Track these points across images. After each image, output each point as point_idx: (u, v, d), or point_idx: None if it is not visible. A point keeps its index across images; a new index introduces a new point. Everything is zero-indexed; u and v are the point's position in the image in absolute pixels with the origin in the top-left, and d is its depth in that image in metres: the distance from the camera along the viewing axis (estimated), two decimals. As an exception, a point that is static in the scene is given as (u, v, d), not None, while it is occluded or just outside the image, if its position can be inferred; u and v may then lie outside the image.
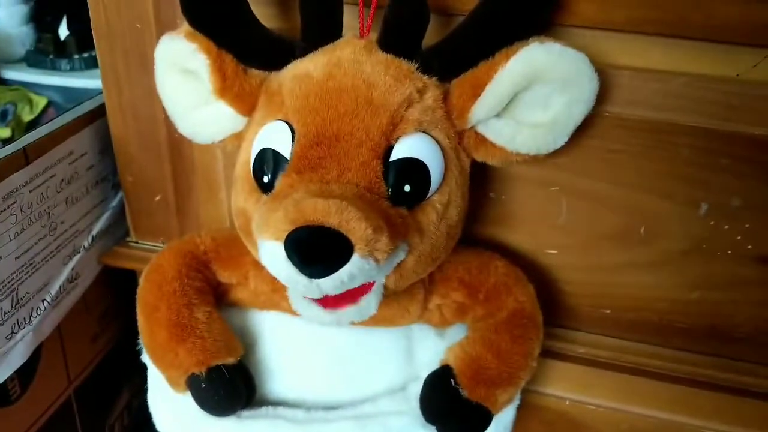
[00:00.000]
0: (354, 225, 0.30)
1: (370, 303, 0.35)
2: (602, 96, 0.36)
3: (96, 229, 0.55)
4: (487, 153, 0.37)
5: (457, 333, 0.43)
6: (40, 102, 0.58)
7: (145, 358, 0.42)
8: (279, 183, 0.34)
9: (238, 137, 0.39)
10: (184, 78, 0.38)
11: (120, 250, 0.55)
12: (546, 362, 0.48)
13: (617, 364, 0.48)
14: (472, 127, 0.37)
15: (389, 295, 0.37)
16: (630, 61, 0.39)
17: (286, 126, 0.35)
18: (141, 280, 0.42)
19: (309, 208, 0.30)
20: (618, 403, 0.49)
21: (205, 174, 0.51)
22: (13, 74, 0.62)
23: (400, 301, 0.40)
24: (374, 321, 0.38)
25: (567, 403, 0.49)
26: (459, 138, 0.37)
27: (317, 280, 0.31)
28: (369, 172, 0.33)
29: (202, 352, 0.39)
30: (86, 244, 0.54)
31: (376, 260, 0.31)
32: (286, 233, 0.30)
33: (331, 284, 0.31)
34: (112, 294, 0.60)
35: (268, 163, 0.35)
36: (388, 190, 0.34)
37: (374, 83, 0.34)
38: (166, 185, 0.52)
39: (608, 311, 0.47)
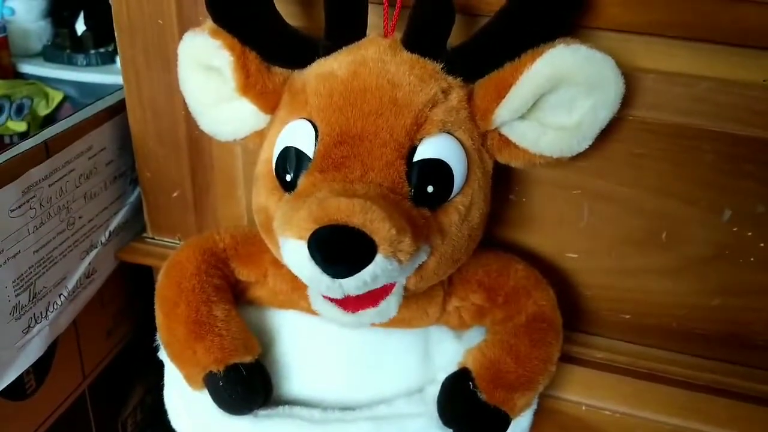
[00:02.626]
0: (378, 225, 0.30)
1: (390, 305, 0.34)
2: (626, 99, 0.36)
3: (113, 225, 0.54)
4: (511, 155, 0.37)
5: (475, 336, 0.42)
6: (57, 96, 0.59)
7: (163, 354, 0.42)
8: (302, 182, 0.34)
9: (260, 135, 0.39)
10: (206, 75, 0.38)
11: (136, 246, 0.55)
12: (563, 367, 0.47)
13: (634, 370, 0.47)
14: (496, 129, 0.36)
15: (409, 297, 0.36)
16: (655, 65, 0.38)
17: (310, 125, 0.35)
18: (160, 276, 0.42)
19: (333, 207, 0.30)
20: (634, 409, 0.48)
21: (223, 171, 0.50)
22: (30, 68, 0.63)
23: (420, 303, 0.40)
24: (393, 322, 0.38)
25: (583, 408, 0.49)
26: (482, 139, 0.36)
27: (340, 280, 0.31)
28: (392, 173, 0.33)
29: (220, 350, 0.39)
30: (103, 240, 0.54)
31: (399, 261, 0.31)
32: (310, 232, 0.30)
33: (353, 284, 0.31)
34: (128, 290, 0.60)
35: (290, 161, 0.35)
36: (410, 190, 0.34)
37: (399, 83, 0.33)
38: (184, 182, 0.52)
39: (628, 316, 0.46)
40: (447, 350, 0.42)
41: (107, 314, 0.59)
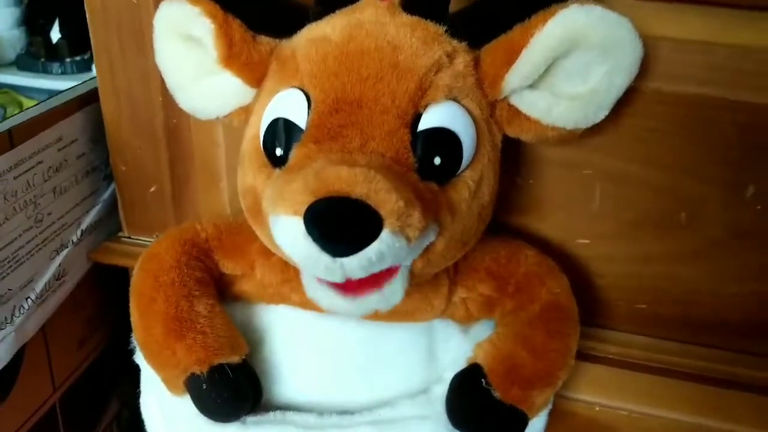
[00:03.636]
0: (384, 196, 0.27)
1: (395, 288, 0.31)
2: (639, 69, 0.34)
3: (86, 223, 0.52)
4: (521, 127, 0.34)
5: (482, 330, 0.40)
6: (30, 105, 0.56)
7: (139, 357, 0.40)
8: (294, 155, 0.31)
9: (246, 111, 0.36)
10: (186, 46, 0.36)
11: (111, 246, 0.52)
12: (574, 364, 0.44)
13: (651, 365, 0.45)
14: (505, 99, 0.34)
15: (412, 286, 0.34)
16: (669, 32, 0.36)
17: (301, 93, 0.32)
18: (135, 270, 0.39)
19: (332, 176, 0.27)
20: (651, 407, 0.46)
21: (204, 162, 0.48)
22: (2, 77, 0.62)
23: (424, 293, 0.37)
24: (394, 315, 0.36)
25: (597, 408, 0.46)
26: (491, 110, 0.34)
27: (341, 259, 0.28)
28: (395, 142, 0.30)
29: (203, 349, 0.36)
30: (75, 239, 0.51)
31: (408, 238, 0.28)
32: (306, 206, 0.27)
33: (357, 264, 0.28)
34: (102, 294, 0.57)
35: (280, 134, 0.32)
36: (416, 162, 0.31)
37: (400, 45, 0.31)
38: (161, 175, 0.49)
39: (644, 306, 0.44)
40: (453, 346, 0.39)
41: (79, 320, 0.56)
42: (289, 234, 0.28)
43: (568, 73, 0.33)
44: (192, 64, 0.36)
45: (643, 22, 0.35)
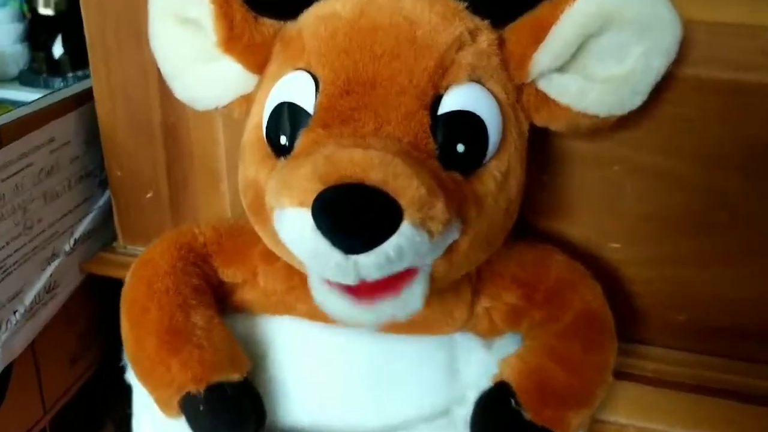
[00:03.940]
0: (404, 182, 0.24)
1: (415, 294, 0.28)
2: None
3: (79, 231, 0.50)
4: (551, 115, 0.32)
5: (507, 344, 0.37)
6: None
7: (131, 375, 0.37)
8: (300, 141, 0.29)
9: (247, 100, 0.34)
10: (183, 29, 0.33)
11: (106, 256, 0.51)
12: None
13: (690, 384, 0.42)
14: (533, 82, 0.31)
15: (432, 294, 0.30)
16: (706, 15, 0.34)
17: (309, 75, 0.29)
18: (128, 277, 0.37)
19: (344, 160, 0.24)
20: (690, 429, 0.42)
21: (203, 163, 0.46)
22: (4, 93, 0.61)
23: (444, 303, 0.35)
24: (410, 327, 0.33)
25: (630, 431, 0.43)
26: (517, 95, 0.31)
27: (355, 256, 0.25)
28: (414, 125, 0.28)
29: (199, 365, 0.33)
30: (67, 248, 0.49)
31: (430, 233, 0.25)
32: (315, 194, 0.24)
33: (373, 262, 0.25)
34: (96, 308, 0.56)
35: (285, 120, 0.30)
36: (436, 149, 0.28)
37: (417, 20, 0.29)
38: (159, 179, 0.48)
39: (682, 317, 0.41)
40: (476, 362, 0.37)
41: (71, 336, 0.54)
42: (295, 228, 0.25)
43: (602, 53, 0.30)
44: (190, 49, 0.33)
45: (681, 2, 0.32)
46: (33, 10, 0.61)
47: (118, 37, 0.44)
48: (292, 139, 0.29)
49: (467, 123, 0.28)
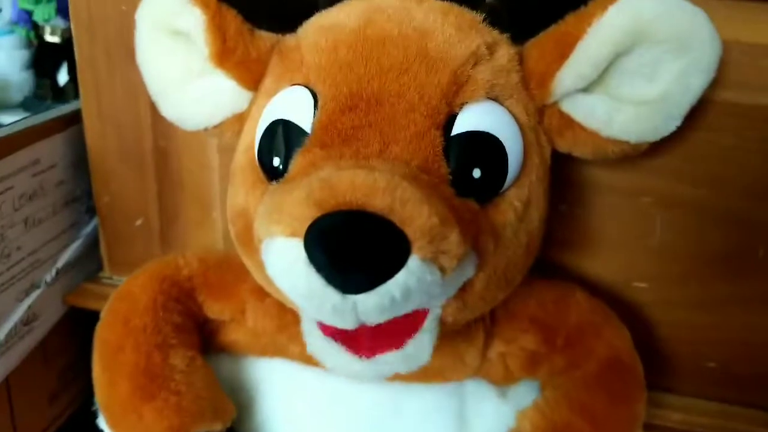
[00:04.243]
0: (412, 210, 0.21)
1: (422, 345, 0.25)
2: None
3: (62, 261, 0.48)
4: (576, 140, 0.29)
5: (523, 393, 0.34)
6: None
7: (102, 422, 0.33)
8: (295, 163, 0.26)
9: (240, 119, 0.31)
10: (173, 42, 0.31)
11: (90, 288, 0.49)
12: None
13: None
14: (556, 104, 0.29)
15: (441, 338, 0.28)
16: (744, 35, 0.33)
17: (307, 91, 0.27)
18: (103, 312, 0.34)
19: (344, 183, 0.21)
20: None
21: (195, 191, 0.44)
22: (9, 120, 0.63)
23: (454, 347, 0.32)
24: (417, 374, 0.29)
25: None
26: (539, 117, 0.29)
27: (354, 296, 0.21)
28: (424, 146, 0.25)
29: (176, 413, 0.30)
30: (48, 278, 0.47)
31: (442, 269, 0.22)
32: (309, 222, 0.21)
33: (374, 303, 0.21)
34: (79, 343, 0.53)
35: (279, 140, 0.27)
36: (449, 174, 0.25)
37: (429, 31, 0.26)
38: (148, 206, 0.46)
39: (713, 364, 0.39)
40: (489, 413, 0.34)
41: (51, 372, 0.51)
42: (285, 261, 0.22)
43: (633, 72, 0.28)
44: (179, 63, 0.31)
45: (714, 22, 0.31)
46: (39, 37, 0.62)
47: (109, 56, 0.42)
48: (286, 161, 0.26)
49: (484, 145, 0.26)
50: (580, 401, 0.31)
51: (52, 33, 0.59)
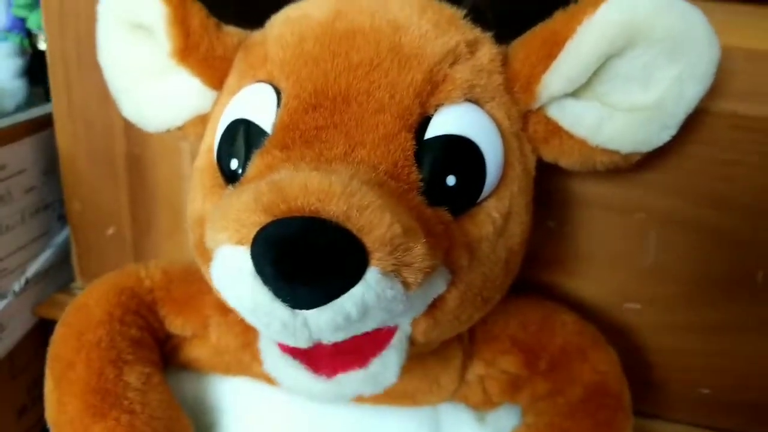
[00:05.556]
0: (372, 217, 0.19)
1: (387, 364, 0.23)
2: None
3: (32, 270, 0.46)
4: (562, 148, 0.27)
5: (503, 418, 0.33)
6: None
7: None
8: (252, 165, 0.24)
9: (204, 120, 0.30)
10: (134, 37, 0.30)
11: (61, 299, 0.47)
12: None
13: None
14: (542, 109, 0.27)
15: (413, 358, 0.26)
16: (745, 42, 0.31)
17: (271, 88, 0.25)
18: (57, 326, 0.32)
19: (297, 186, 0.19)
20: None
21: (169, 197, 0.43)
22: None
23: (428, 369, 0.30)
24: (388, 397, 0.29)
25: None
26: (523, 123, 0.27)
27: (305, 312, 0.19)
28: (393, 150, 0.23)
29: None
30: (17, 288, 0.45)
31: (406, 284, 0.20)
32: (256, 228, 0.19)
33: (328, 320, 0.19)
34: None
35: (238, 141, 0.25)
36: (421, 181, 0.24)
37: (404, 26, 0.25)
38: (121, 213, 0.44)
39: (707, 391, 0.38)
40: None
41: (19, 387, 0.49)
42: (230, 272, 0.20)
43: (626, 76, 0.26)
44: (141, 60, 0.30)
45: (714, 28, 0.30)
46: (33, 45, 0.61)
47: (79, 51, 0.41)
48: (244, 163, 0.25)
49: (460, 150, 0.24)
50: (562, 429, 0.29)
51: (46, 41, 0.60)
